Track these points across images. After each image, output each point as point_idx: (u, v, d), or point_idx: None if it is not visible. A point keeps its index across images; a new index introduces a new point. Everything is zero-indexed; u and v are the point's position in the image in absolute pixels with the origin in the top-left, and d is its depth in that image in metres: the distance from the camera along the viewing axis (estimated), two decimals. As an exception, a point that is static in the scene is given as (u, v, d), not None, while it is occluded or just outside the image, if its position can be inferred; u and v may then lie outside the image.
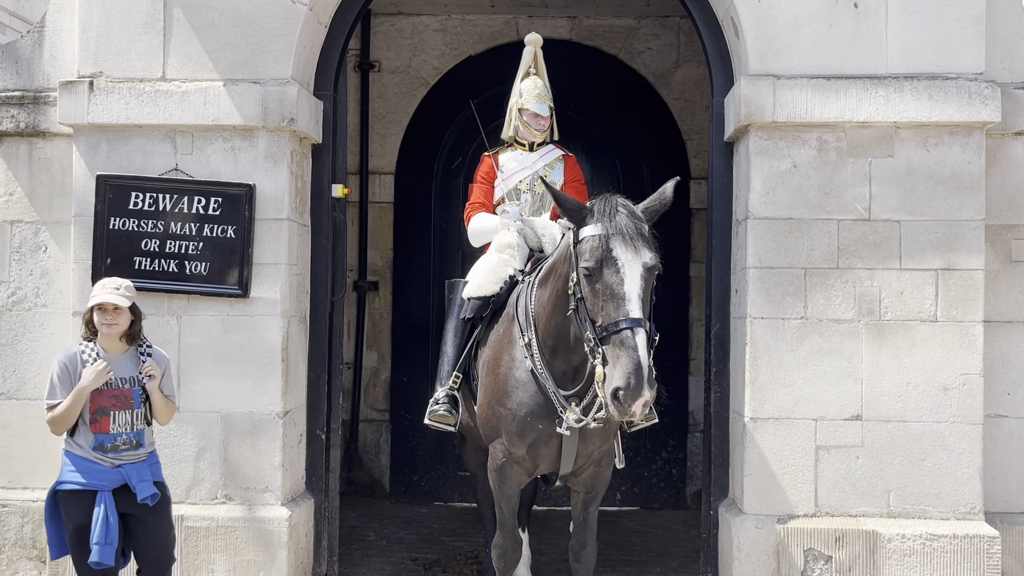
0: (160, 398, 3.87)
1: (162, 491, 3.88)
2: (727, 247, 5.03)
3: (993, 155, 4.82)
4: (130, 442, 3.80)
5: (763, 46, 4.73)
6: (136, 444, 3.82)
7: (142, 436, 3.85)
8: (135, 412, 3.81)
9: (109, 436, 3.78)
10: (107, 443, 3.77)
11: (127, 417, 3.80)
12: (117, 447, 3.78)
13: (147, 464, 3.85)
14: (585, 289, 3.55)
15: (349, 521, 6.21)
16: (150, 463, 3.88)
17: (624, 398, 3.33)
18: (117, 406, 3.79)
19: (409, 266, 7.29)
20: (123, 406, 3.79)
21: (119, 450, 3.78)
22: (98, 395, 3.77)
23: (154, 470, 3.89)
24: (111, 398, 3.78)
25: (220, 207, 4.81)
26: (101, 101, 4.84)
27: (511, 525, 4.29)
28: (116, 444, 3.78)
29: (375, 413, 7.37)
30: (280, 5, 4.85)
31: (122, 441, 3.79)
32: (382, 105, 7.36)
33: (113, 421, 3.78)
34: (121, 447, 3.79)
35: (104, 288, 3.80)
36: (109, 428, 3.77)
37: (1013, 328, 4.87)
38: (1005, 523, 4.76)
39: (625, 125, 7.24)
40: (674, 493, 7.14)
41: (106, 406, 3.78)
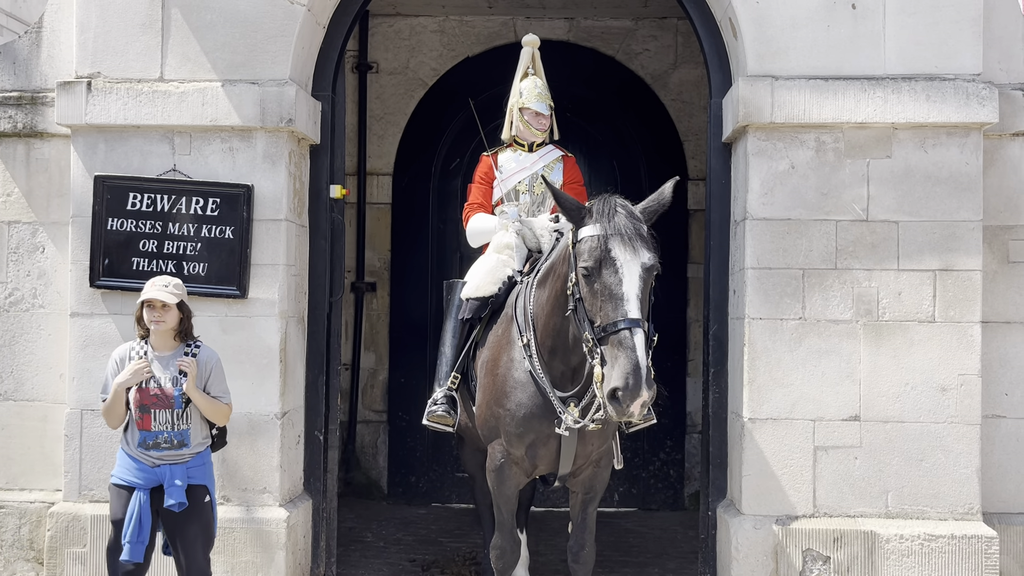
0: (201, 397, 3.83)
1: (199, 496, 3.83)
2: (725, 248, 5.03)
3: (991, 156, 4.83)
4: (171, 441, 3.81)
5: (761, 47, 4.73)
6: (178, 444, 3.81)
7: (186, 436, 3.83)
8: (175, 411, 3.81)
9: (151, 434, 3.80)
10: (148, 440, 3.80)
11: (167, 416, 3.81)
12: (158, 444, 3.80)
13: (188, 466, 3.82)
14: (584, 289, 3.55)
15: (347, 522, 6.20)
16: (192, 465, 3.84)
17: (622, 398, 3.33)
18: (158, 404, 3.80)
19: (407, 267, 7.29)
20: (163, 404, 3.80)
21: (160, 448, 3.81)
22: (141, 392, 3.80)
23: (196, 472, 3.85)
24: (152, 396, 3.81)
25: (218, 208, 4.81)
26: (99, 102, 4.84)
27: (509, 526, 4.29)
28: (157, 442, 3.80)
29: (373, 414, 7.37)
30: (278, 6, 4.85)
31: (163, 439, 3.81)
32: (380, 106, 7.36)
33: (154, 419, 3.80)
34: (162, 445, 3.80)
35: (153, 285, 3.84)
36: (151, 426, 3.80)
37: (1011, 329, 4.87)
38: (1003, 523, 4.77)
39: (623, 126, 7.24)
40: (672, 494, 7.14)
41: (147, 404, 3.81)
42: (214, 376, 3.90)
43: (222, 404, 3.92)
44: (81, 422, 4.88)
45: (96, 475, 4.88)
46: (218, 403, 3.90)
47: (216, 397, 3.90)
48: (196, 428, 3.87)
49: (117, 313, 4.86)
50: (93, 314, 4.88)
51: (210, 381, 3.88)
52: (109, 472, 4.81)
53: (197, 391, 3.83)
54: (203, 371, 3.87)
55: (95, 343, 4.87)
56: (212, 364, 3.90)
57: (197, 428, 3.87)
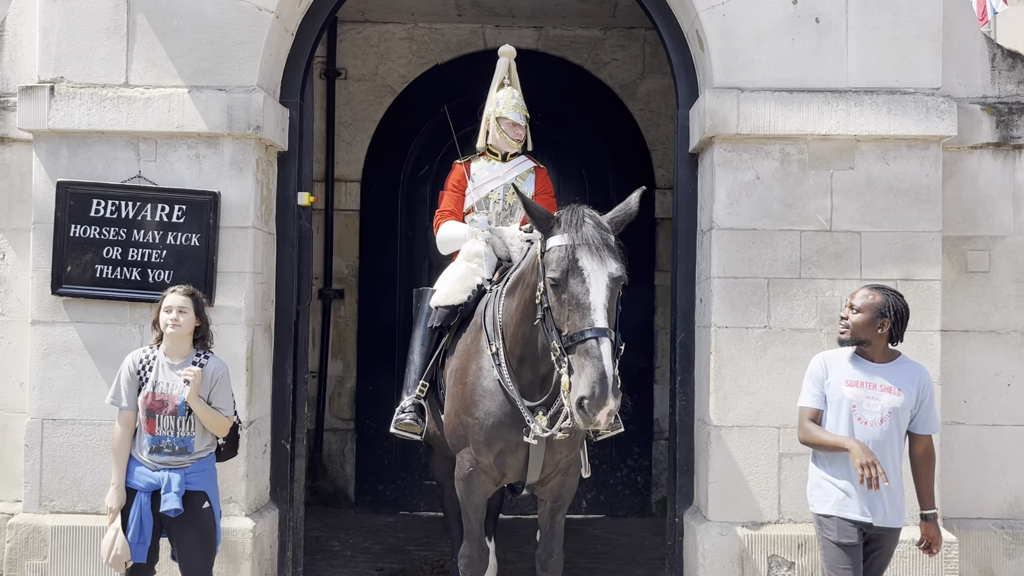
0: (201, 407, 3.86)
1: (197, 503, 3.86)
2: (692, 257, 5.09)
3: (950, 168, 4.94)
4: (173, 447, 3.87)
5: (727, 59, 4.80)
6: (180, 450, 3.87)
7: (189, 443, 3.88)
8: (179, 418, 3.87)
9: (154, 438, 3.87)
10: (152, 444, 3.87)
11: (171, 422, 3.86)
12: (160, 449, 3.87)
13: (187, 472, 3.86)
14: (551, 299, 3.57)
15: (314, 531, 6.16)
16: (192, 471, 3.88)
17: (589, 407, 3.35)
18: (161, 410, 3.87)
19: (375, 274, 7.26)
20: (167, 411, 3.87)
21: (162, 452, 3.87)
22: (148, 397, 3.88)
23: (195, 478, 3.88)
24: (158, 401, 3.87)
25: (184, 215, 4.77)
26: (62, 107, 4.78)
27: (478, 534, 4.29)
28: (159, 446, 3.87)
29: (340, 422, 7.32)
30: (246, 12, 4.83)
31: (165, 444, 3.87)
32: (348, 113, 7.34)
33: (158, 424, 3.87)
34: (164, 450, 3.87)
35: (171, 291, 3.95)
36: (155, 430, 3.87)
37: (969, 337, 4.97)
38: (962, 528, 4.86)
39: (591, 135, 7.29)
40: (639, 501, 7.18)
41: (152, 408, 3.88)
42: (219, 387, 3.93)
43: (222, 416, 3.93)
44: (42, 432, 4.80)
45: (57, 486, 4.80)
46: (218, 415, 3.92)
47: (218, 408, 3.92)
48: (200, 436, 3.91)
49: (80, 321, 4.79)
50: (55, 322, 4.80)
51: (214, 392, 3.91)
52: (70, 483, 4.80)
53: (199, 401, 3.86)
54: (208, 381, 3.90)
55: (56, 351, 4.80)
56: (219, 376, 3.93)
57: (200, 436, 3.91)
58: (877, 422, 3.53)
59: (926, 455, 3.66)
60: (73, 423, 4.80)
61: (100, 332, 4.79)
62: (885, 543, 3.63)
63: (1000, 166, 5.00)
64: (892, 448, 3.56)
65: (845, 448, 3.50)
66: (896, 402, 3.54)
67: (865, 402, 3.53)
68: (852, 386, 3.56)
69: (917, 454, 3.66)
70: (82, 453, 4.80)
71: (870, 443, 3.51)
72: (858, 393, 3.55)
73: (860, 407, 3.54)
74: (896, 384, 3.56)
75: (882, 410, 3.53)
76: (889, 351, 3.64)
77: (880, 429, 3.52)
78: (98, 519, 4.75)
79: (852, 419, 3.54)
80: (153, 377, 3.89)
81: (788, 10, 4.78)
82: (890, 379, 3.56)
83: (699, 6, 4.79)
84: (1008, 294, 4.98)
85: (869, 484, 3.41)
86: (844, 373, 3.59)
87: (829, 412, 3.59)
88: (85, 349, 4.79)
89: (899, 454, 3.60)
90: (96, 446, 4.78)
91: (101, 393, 4.77)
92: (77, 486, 4.80)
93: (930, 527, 3.65)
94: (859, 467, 3.42)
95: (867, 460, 3.41)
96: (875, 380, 3.55)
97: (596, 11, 6.96)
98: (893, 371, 3.58)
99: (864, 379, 3.56)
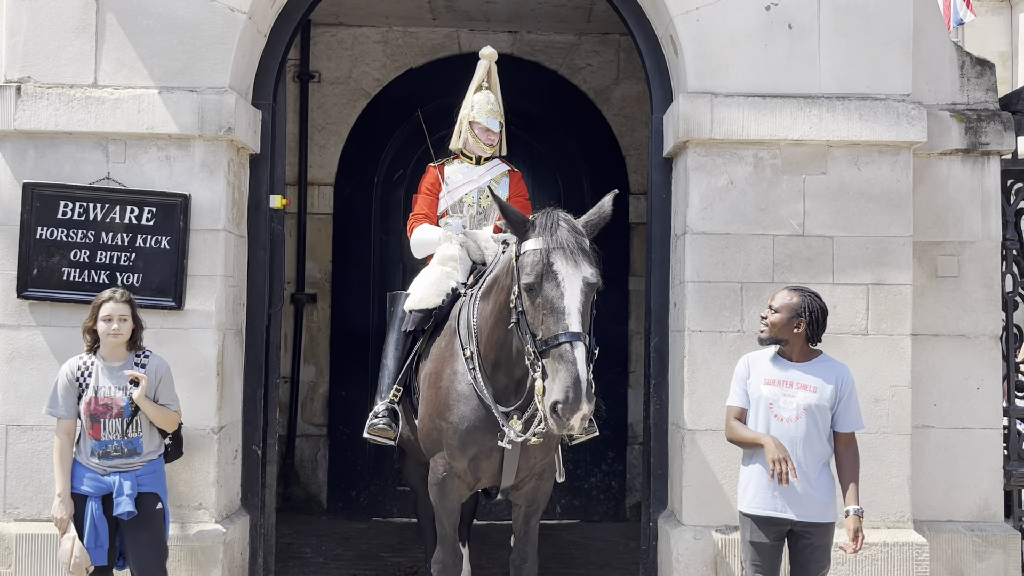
0: (150, 406, 3.89)
1: (150, 504, 3.89)
2: (666, 261, 5.10)
3: (920, 174, 4.99)
4: (121, 450, 3.88)
5: (701, 64, 4.82)
6: (129, 452, 3.88)
7: (137, 444, 3.90)
8: (124, 420, 3.87)
9: (101, 443, 3.87)
10: (99, 449, 3.87)
11: (117, 425, 3.87)
12: (108, 454, 3.87)
13: (138, 474, 3.88)
14: (526, 303, 3.56)
15: (285, 538, 6.09)
16: (143, 473, 3.90)
17: (563, 412, 3.34)
18: (107, 414, 3.87)
19: (348, 278, 7.21)
20: (113, 414, 3.87)
21: (110, 457, 3.87)
22: (92, 403, 3.87)
23: (146, 480, 3.90)
24: (102, 406, 3.87)
25: (154, 217, 4.70)
26: (29, 107, 4.70)
27: (452, 540, 4.26)
28: (107, 451, 3.87)
29: (313, 428, 7.26)
30: (218, 13, 4.78)
31: (113, 448, 3.87)
32: (322, 116, 7.29)
33: (104, 428, 3.87)
34: (112, 454, 3.87)
35: (107, 298, 3.92)
36: (100, 435, 3.87)
37: (939, 341, 5.02)
38: (932, 531, 4.90)
39: (566, 140, 7.30)
40: (614, 505, 7.18)
41: (96, 413, 3.87)
42: (163, 384, 3.96)
43: (171, 412, 3.99)
44: (6, 438, 4.71)
45: (22, 493, 4.71)
46: (167, 411, 3.97)
47: (165, 405, 3.96)
48: (147, 436, 3.93)
49: (46, 325, 4.71)
50: (20, 326, 4.72)
51: (159, 389, 3.95)
52: (35, 490, 4.70)
53: (146, 400, 3.88)
54: (153, 380, 3.93)
55: (22, 356, 4.71)
56: (162, 373, 3.97)
57: (148, 436, 3.94)
58: (793, 419, 3.62)
59: (848, 451, 3.73)
60: (38, 429, 4.70)
61: (67, 336, 4.70)
62: (815, 538, 3.68)
63: (969, 172, 5.06)
64: (811, 445, 3.63)
65: (761, 444, 3.59)
66: (812, 399, 3.63)
67: (781, 399, 3.63)
68: (769, 384, 3.66)
69: (839, 451, 3.74)
70: (47, 459, 4.68)
71: (786, 439, 3.60)
72: (775, 391, 3.65)
73: (776, 404, 3.63)
74: (813, 382, 3.66)
75: (797, 407, 3.62)
76: (809, 350, 3.73)
77: (796, 426, 3.61)
78: (64, 527, 4.68)
79: (769, 416, 3.64)
80: (93, 382, 3.89)
81: (761, 16, 4.82)
82: (807, 377, 3.66)
83: (673, 11, 4.81)
84: (977, 298, 5.04)
85: (780, 479, 3.51)
86: (764, 372, 3.69)
87: (750, 410, 3.69)
88: (51, 353, 4.70)
89: (821, 451, 3.67)
90: (62, 452, 4.70)
91: (68, 398, 4.71)
92: (42, 493, 4.70)
93: (852, 523, 3.72)
94: (770, 462, 3.53)
95: (778, 456, 3.52)
96: (792, 378, 3.65)
97: (571, 16, 6.98)
98: (811, 369, 3.68)
99: (781, 377, 3.66)
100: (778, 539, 3.68)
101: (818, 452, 3.65)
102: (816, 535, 3.67)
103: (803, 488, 3.60)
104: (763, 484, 3.63)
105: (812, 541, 3.67)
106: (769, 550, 3.66)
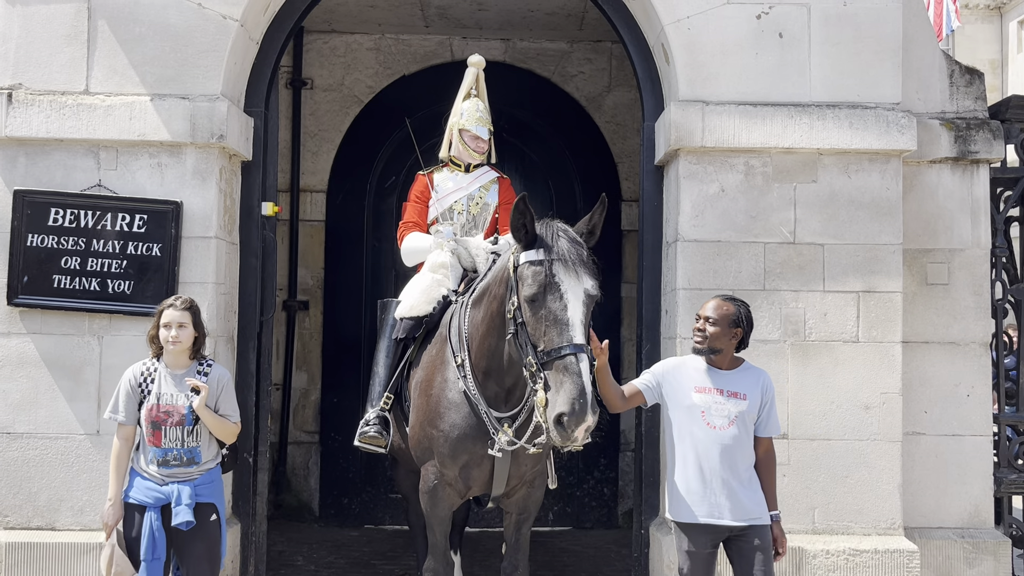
0: (210, 416, 3.85)
1: (206, 515, 3.83)
2: (658, 268, 5.11)
3: (910, 182, 5.01)
4: (180, 458, 3.83)
5: (692, 72, 4.84)
6: (188, 461, 3.84)
7: (196, 453, 3.85)
8: (186, 429, 3.83)
9: (160, 450, 3.83)
10: (159, 457, 3.83)
11: (177, 433, 3.83)
12: (168, 462, 3.83)
13: (196, 484, 3.83)
14: (527, 314, 3.53)
15: (277, 546, 6.07)
16: (201, 483, 3.85)
17: (568, 423, 3.34)
18: (168, 421, 3.83)
19: (340, 285, 7.21)
20: (175, 421, 3.83)
21: (169, 465, 3.83)
22: (153, 409, 3.83)
23: (203, 490, 3.85)
24: (163, 413, 3.83)
25: (145, 224, 4.70)
26: (20, 114, 4.69)
27: (443, 548, 4.25)
28: (167, 459, 3.83)
29: (304, 435, 7.24)
30: (210, 20, 4.78)
31: (172, 456, 3.83)
32: (314, 123, 7.29)
33: (165, 436, 3.83)
34: (172, 462, 3.83)
35: (169, 305, 3.90)
36: (161, 443, 3.83)
37: (929, 348, 5.04)
38: (923, 537, 4.91)
39: (558, 147, 7.31)
40: (606, 512, 7.18)
41: (158, 420, 3.83)
42: (224, 395, 3.93)
43: (230, 423, 3.94)
44: (-4, 446, 4.69)
45: (12, 500, 4.69)
46: (226, 422, 3.92)
47: (225, 416, 3.92)
48: (206, 446, 3.89)
49: (36, 332, 4.70)
50: (11, 333, 4.70)
51: (220, 399, 3.91)
52: (25, 498, 4.68)
53: (206, 410, 3.85)
54: (214, 389, 3.90)
55: (12, 363, 4.69)
56: (224, 383, 3.94)
57: (207, 446, 3.90)
58: (725, 426, 3.66)
59: (767, 456, 3.80)
60: (29, 437, 4.69)
61: (57, 343, 4.70)
62: (753, 539, 3.70)
63: (959, 180, 5.09)
64: (742, 450, 3.69)
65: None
66: (742, 407, 3.69)
67: (713, 407, 3.67)
68: (701, 392, 3.70)
69: (759, 456, 3.79)
70: (37, 468, 4.69)
71: (719, 446, 3.64)
72: (707, 399, 3.69)
73: (709, 412, 3.68)
74: (742, 389, 3.71)
75: (729, 414, 3.67)
76: (734, 358, 3.79)
77: (728, 433, 3.66)
78: (53, 535, 4.66)
79: (702, 423, 3.68)
80: (156, 389, 3.86)
81: (752, 25, 4.84)
82: (736, 385, 3.72)
83: (665, 20, 4.83)
84: (967, 306, 5.06)
85: None
86: (694, 380, 3.73)
87: (679, 416, 3.72)
88: (42, 361, 4.69)
89: (750, 456, 3.73)
90: (52, 460, 4.68)
91: (58, 406, 4.69)
92: (32, 501, 4.69)
93: (774, 528, 3.76)
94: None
95: None
96: (723, 386, 3.70)
97: (563, 24, 7.00)
98: (739, 377, 3.74)
99: (712, 385, 3.70)
100: (714, 546, 3.71)
101: (748, 457, 3.72)
102: (755, 536, 3.71)
103: (739, 492, 3.65)
104: (695, 491, 3.66)
105: (750, 542, 3.70)
106: (705, 559, 3.70)
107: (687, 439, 3.67)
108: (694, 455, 3.65)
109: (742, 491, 3.65)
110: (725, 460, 3.63)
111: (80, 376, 4.70)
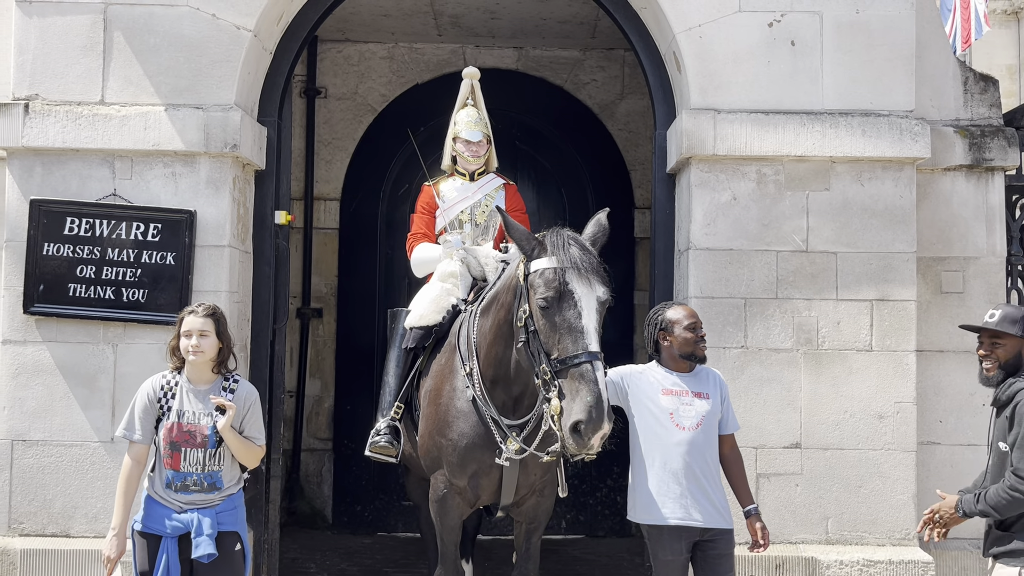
0: (235, 439, 3.47)
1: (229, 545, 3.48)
2: (670, 276, 5.10)
3: (924, 190, 4.98)
4: (200, 484, 3.47)
5: (704, 81, 4.83)
6: (209, 487, 3.48)
7: (217, 478, 3.48)
8: (208, 451, 3.46)
9: (179, 474, 3.46)
10: (176, 481, 3.47)
11: (198, 456, 3.46)
12: (187, 487, 3.47)
13: (218, 511, 3.48)
14: (540, 322, 3.53)
15: (290, 553, 6.08)
16: (222, 510, 3.49)
17: (584, 431, 3.34)
18: (189, 443, 3.46)
19: (354, 293, 7.23)
20: (196, 443, 3.46)
21: (188, 491, 3.47)
22: (173, 429, 3.47)
23: (226, 518, 3.49)
24: (184, 433, 3.46)
25: (159, 233, 4.73)
26: (36, 124, 4.74)
27: (453, 557, 4.25)
28: (185, 484, 3.47)
29: (318, 442, 7.26)
30: (224, 31, 4.82)
31: (192, 481, 3.46)
32: (328, 131, 7.33)
33: (184, 458, 3.46)
34: (191, 488, 3.47)
35: (190, 312, 3.54)
36: (179, 466, 3.46)
37: (944, 357, 5.00)
38: (938, 548, 4.86)
39: (571, 155, 7.31)
40: (619, 521, 7.14)
41: (178, 441, 3.46)
42: (251, 415, 3.56)
43: (255, 446, 3.57)
44: (12, 453, 4.72)
45: (27, 508, 4.73)
46: (252, 445, 3.55)
47: (250, 438, 3.55)
48: (228, 470, 3.53)
49: (52, 340, 4.74)
50: (26, 341, 4.74)
51: (246, 420, 3.54)
52: (40, 505, 4.71)
53: (231, 432, 3.47)
54: (241, 408, 3.53)
55: (28, 371, 4.74)
56: (251, 402, 3.56)
57: (228, 470, 3.53)
58: (694, 426, 3.71)
59: (734, 453, 3.86)
60: (44, 444, 4.73)
61: (73, 352, 4.74)
62: (721, 547, 3.72)
63: (973, 188, 5.05)
64: (711, 450, 3.75)
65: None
66: (707, 407, 3.75)
67: (681, 408, 3.73)
68: (668, 395, 3.75)
69: (726, 454, 3.83)
70: (52, 475, 4.73)
71: (689, 446, 3.68)
72: (674, 401, 3.74)
73: (677, 413, 3.72)
74: (704, 390, 3.78)
75: (696, 415, 3.73)
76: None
77: (697, 433, 3.71)
78: (67, 542, 4.69)
79: (671, 425, 3.71)
80: (177, 406, 3.48)
81: (764, 33, 4.83)
82: (698, 386, 3.78)
83: (676, 28, 4.83)
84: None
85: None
86: (659, 383, 3.77)
87: (646, 420, 3.74)
88: (57, 369, 4.73)
89: (717, 456, 3.78)
90: (67, 468, 4.72)
91: (73, 414, 4.73)
92: (47, 508, 4.72)
93: (754, 522, 3.78)
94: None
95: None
96: (686, 388, 3.76)
97: (576, 32, 7.01)
98: (699, 378, 3.81)
99: (677, 388, 3.76)
100: (688, 551, 3.72)
101: (715, 457, 3.77)
102: (722, 544, 3.73)
103: (710, 492, 3.68)
104: (667, 492, 3.66)
105: (719, 550, 3.72)
106: (681, 566, 3.71)
107: (655, 442, 3.71)
108: (664, 458, 3.68)
109: (712, 492, 3.70)
110: (696, 460, 3.67)
111: (95, 384, 4.74)
